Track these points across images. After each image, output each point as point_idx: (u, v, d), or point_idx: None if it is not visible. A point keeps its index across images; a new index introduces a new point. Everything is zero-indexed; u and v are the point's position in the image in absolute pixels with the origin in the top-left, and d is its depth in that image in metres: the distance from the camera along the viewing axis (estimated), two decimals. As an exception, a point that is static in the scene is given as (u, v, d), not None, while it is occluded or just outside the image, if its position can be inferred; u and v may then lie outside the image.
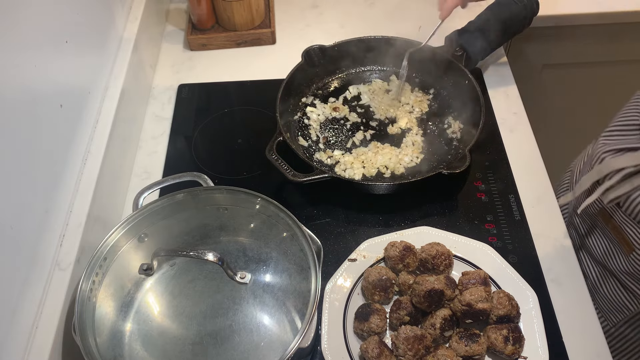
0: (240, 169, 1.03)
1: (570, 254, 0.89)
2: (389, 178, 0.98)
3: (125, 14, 1.12)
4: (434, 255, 0.83)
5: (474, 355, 0.75)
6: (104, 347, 0.68)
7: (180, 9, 1.34)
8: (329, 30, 1.26)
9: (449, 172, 0.89)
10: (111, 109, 0.96)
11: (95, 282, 0.72)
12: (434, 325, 0.77)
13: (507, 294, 0.79)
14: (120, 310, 0.72)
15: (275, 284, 0.73)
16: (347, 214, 0.95)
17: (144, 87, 1.16)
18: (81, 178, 0.85)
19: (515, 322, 0.79)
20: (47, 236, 0.76)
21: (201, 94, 1.17)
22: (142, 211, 0.78)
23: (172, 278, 0.75)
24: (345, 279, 0.84)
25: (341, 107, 1.09)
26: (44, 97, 0.77)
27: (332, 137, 1.05)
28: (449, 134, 1.04)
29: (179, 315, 0.71)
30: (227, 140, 1.09)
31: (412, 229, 0.90)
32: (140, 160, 1.06)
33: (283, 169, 0.91)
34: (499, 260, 0.85)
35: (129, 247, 0.76)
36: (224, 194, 0.79)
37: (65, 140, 0.83)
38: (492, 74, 1.17)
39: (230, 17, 1.21)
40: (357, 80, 1.14)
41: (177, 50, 1.27)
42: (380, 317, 0.78)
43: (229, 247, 0.77)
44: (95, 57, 0.97)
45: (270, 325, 0.70)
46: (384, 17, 1.29)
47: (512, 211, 0.94)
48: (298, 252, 0.74)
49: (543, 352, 0.76)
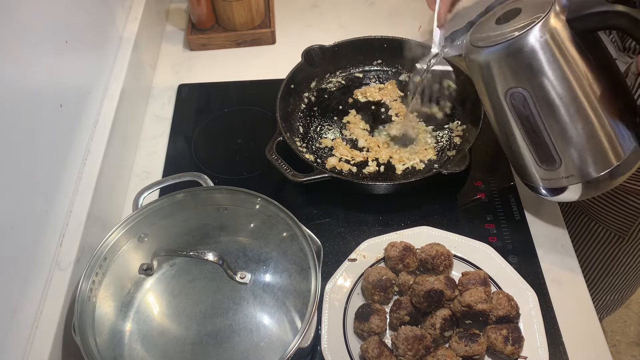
0: (240, 169, 1.03)
1: (571, 253, 0.89)
2: (390, 177, 0.98)
3: (125, 14, 1.12)
4: (434, 256, 0.83)
5: (473, 355, 0.75)
6: (104, 347, 0.68)
7: (180, 9, 1.34)
8: (329, 30, 1.26)
9: (449, 172, 0.89)
10: (111, 108, 0.96)
11: (95, 282, 0.72)
12: (434, 326, 0.77)
13: (506, 294, 0.79)
14: (120, 310, 0.72)
15: (275, 284, 0.73)
16: (347, 214, 0.95)
17: (144, 87, 1.16)
18: (81, 178, 0.85)
19: (515, 322, 0.79)
20: (47, 236, 0.76)
21: (201, 94, 1.17)
22: (142, 211, 0.78)
23: (172, 278, 0.75)
24: (345, 279, 0.84)
25: (353, 120, 1.08)
26: (44, 97, 0.77)
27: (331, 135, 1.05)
28: (449, 134, 1.04)
29: (179, 315, 0.72)
30: (227, 140, 1.09)
31: (412, 229, 0.90)
32: (140, 160, 1.06)
33: (283, 169, 0.91)
34: (499, 260, 0.85)
35: (129, 247, 0.77)
36: (224, 194, 0.79)
37: (65, 140, 0.83)
38: (492, 74, 1.16)
39: (230, 17, 1.21)
40: (357, 80, 1.14)
41: (177, 50, 1.27)
42: (380, 317, 0.78)
43: (229, 247, 0.77)
44: (95, 57, 0.97)
45: (270, 325, 0.70)
46: (384, 17, 1.29)
47: (512, 211, 0.94)
48: (298, 252, 0.74)
49: (543, 352, 0.76)
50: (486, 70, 0.79)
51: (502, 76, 0.78)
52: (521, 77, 0.76)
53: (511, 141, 0.83)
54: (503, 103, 0.80)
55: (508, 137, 0.84)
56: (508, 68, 0.77)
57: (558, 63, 0.74)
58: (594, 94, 0.75)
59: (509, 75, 0.77)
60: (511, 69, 0.77)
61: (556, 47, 0.73)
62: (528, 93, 0.77)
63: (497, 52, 0.76)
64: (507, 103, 0.79)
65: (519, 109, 0.79)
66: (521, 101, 0.78)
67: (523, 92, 0.77)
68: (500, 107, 0.81)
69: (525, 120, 0.79)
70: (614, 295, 1.23)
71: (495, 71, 0.78)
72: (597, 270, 1.17)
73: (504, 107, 0.80)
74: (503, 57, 0.76)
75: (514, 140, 0.82)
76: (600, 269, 1.16)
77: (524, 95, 0.77)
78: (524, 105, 0.78)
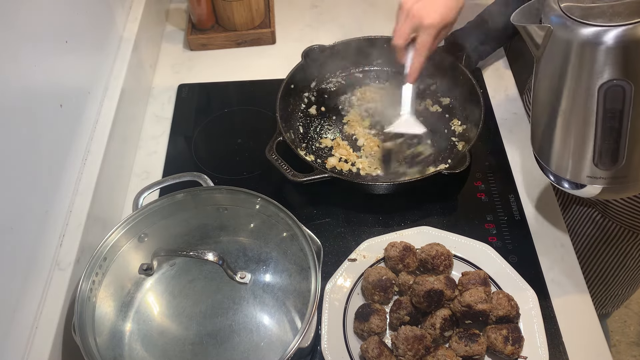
0: (240, 169, 1.03)
1: (571, 254, 0.89)
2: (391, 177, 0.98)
3: (125, 14, 1.12)
4: (434, 256, 0.83)
5: (473, 355, 0.75)
6: (104, 347, 0.68)
7: (180, 9, 1.34)
8: (329, 30, 1.26)
9: (449, 172, 0.89)
10: (111, 108, 0.96)
11: (95, 282, 0.72)
12: (434, 325, 0.77)
13: (506, 294, 0.79)
14: (120, 310, 0.72)
15: (275, 284, 0.73)
16: (347, 214, 0.95)
17: (144, 87, 1.16)
18: (81, 178, 0.85)
19: (515, 322, 0.79)
20: (47, 236, 0.76)
21: (201, 94, 1.17)
22: (142, 211, 0.78)
23: (172, 278, 0.75)
24: (345, 279, 0.84)
25: (352, 119, 1.08)
26: (44, 97, 0.77)
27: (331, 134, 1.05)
28: (449, 134, 1.04)
29: (179, 315, 0.72)
30: (227, 140, 1.09)
31: (412, 229, 0.90)
32: (140, 160, 1.06)
33: (283, 169, 0.91)
34: (499, 260, 0.85)
35: (129, 247, 0.77)
36: (224, 194, 0.79)
37: (65, 140, 0.83)
38: (492, 74, 1.17)
39: (230, 17, 1.21)
40: (357, 80, 1.14)
41: (177, 50, 1.27)
42: (380, 317, 0.78)
43: (229, 247, 0.77)
44: (95, 57, 0.97)
45: (270, 325, 0.70)
46: (384, 17, 1.29)
47: (512, 211, 0.94)
48: (298, 252, 0.74)
49: (543, 352, 0.76)
50: (581, 52, 0.65)
51: (607, 64, 0.64)
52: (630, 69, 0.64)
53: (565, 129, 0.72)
54: (593, 93, 0.67)
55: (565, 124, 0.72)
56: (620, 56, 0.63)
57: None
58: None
59: (616, 64, 0.64)
60: (624, 58, 0.63)
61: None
62: (631, 88, 0.64)
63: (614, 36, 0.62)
64: (599, 94, 0.66)
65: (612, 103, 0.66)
66: (618, 96, 0.66)
67: (625, 87, 0.65)
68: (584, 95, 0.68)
69: (611, 116, 0.67)
70: (621, 290, 1.23)
71: (600, 56, 0.64)
72: (606, 266, 1.17)
73: (592, 97, 0.67)
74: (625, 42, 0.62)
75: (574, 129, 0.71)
76: (610, 265, 1.16)
77: (624, 89, 0.65)
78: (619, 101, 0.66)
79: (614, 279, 1.20)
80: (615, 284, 1.21)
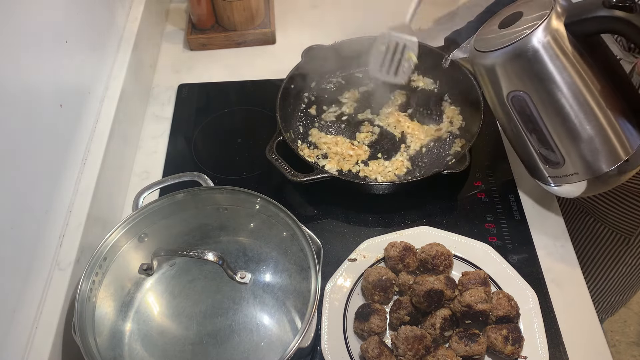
0: (240, 169, 1.03)
1: (570, 254, 0.89)
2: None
3: (125, 14, 1.12)
4: (434, 256, 0.83)
5: (473, 355, 0.75)
6: (104, 347, 0.68)
7: (180, 9, 1.34)
8: (329, 30, 1.26)
9: (449, 172, 0.89)
10: (111, 108, 0.96)
11: (95, 282, 0.72)
12: (434, 325, 0.77)
13: (506, 294, 0.79)
14: (120, 310, 0.72)
15: (275, 284, 0.73)
16: (347, 214, 0.95)
17: (144, 87, 1.16)
18: (81, 178, 0.85)
19: (515, 322, 0.79)
20: (47, 236, 0.76)
21: (201, 94, 1.17)
22: (142, 211, 0.78)
23: (172, 278, 0.75)
24: (345, 279, 0.84)
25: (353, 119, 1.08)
26: (44, 97, 0.77)
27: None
28: (449, 134, 1.04)
29: (179, 315, 0.72)
30: (227, 140, 1.09)
31: (412, 229, 0.90)
32: (140, 160, 1.06)
33: (283, 169, 0.91)
34: (499, 260, 0.85)
35: (129, 247, 0.77)
36: (224, 194, 0.79)
37: (65, 140, 0.83)
38: (492, 74, 1.16)
39: (230, 17, 1.21)
40: (357, 80, 1.14)
41: (177, 50, 1.27)
42: (380, 317, 0.78)
43: (229, 247, 0.77)
44: (95, 57, 0.97)
45: (270, 325, 0.70)
46: (384, 17, 1.28)
47: (512, 211, 0.94)
48: (298, 252, 0.74)
49: (543, 352, 0.76)
50: (491, 73, 0.81)
51: (506, 79, 0.79)
52: (524, 79, 0.77)
53: (519, 141, 0.85)
54: (507, 105, 0.81)
55: (515, 137, 0.86)
56: (512, 71, 0.78)
57: (561, 64, 0.75)
58: (597, 93, 0.76)
59: (513, 77, 0.79)
60: (515, 71, 0.78)
61: (558, 48, 0.74)
62: (528, 95, 0.78)
63: (500, 56, 0.78)
64: (510, 105, 0.81)
65: (522, 110, 0.80)
66: (523, 103, 0.79)
67: (524, 95, 0.78)
68: (506, 109, 0.82)
69: (527, 122, 0.81)
70: (615, 297, 1.24)
71: (500, 74, 0.79)
72: (600, 272, 1.17)
73: (508, 109, 0.81)
74: (507, 60, 0.77)
75: (522, 140, 0.84)
76: (604, 271, 1.16)
77: (524, 97, 0.78)
78: (526, 107, 0.79)
79: (609, 285, 1.20)
80: (610, 290, 1.21)
